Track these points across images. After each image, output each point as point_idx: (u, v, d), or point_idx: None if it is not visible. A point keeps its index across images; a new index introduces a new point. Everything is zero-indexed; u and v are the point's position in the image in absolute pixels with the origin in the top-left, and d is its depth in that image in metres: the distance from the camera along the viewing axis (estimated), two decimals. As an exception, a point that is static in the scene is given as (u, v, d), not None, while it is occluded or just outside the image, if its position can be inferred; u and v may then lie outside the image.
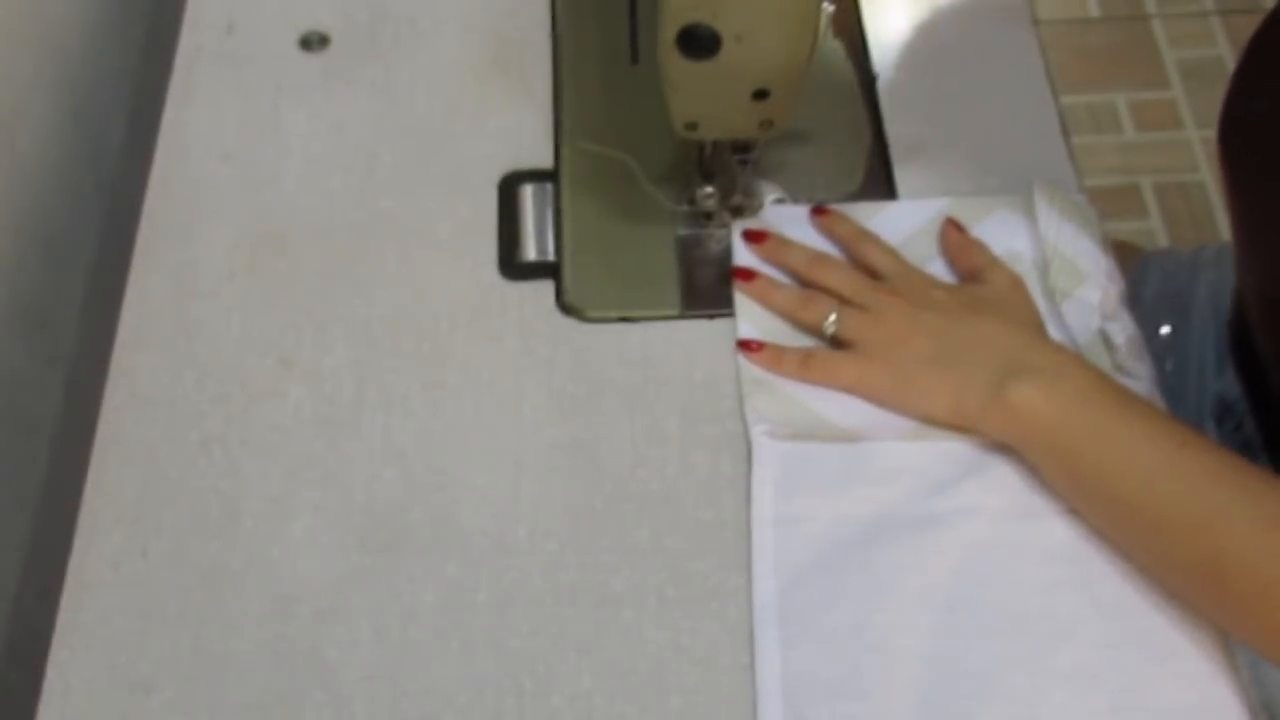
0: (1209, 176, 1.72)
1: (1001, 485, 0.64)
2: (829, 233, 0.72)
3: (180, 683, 0.61)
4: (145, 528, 0.65)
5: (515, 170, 0.78)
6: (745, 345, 0.69)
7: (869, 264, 0.70)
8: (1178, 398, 0.79)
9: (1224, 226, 1.68)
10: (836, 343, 0.68)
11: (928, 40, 0.83)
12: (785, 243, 0.72)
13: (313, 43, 0.83)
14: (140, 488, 0.67)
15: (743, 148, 0.70)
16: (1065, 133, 0.78)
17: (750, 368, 0.68)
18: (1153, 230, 1.67)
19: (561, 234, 0.75)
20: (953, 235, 0.71)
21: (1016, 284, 0.67)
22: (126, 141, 0.94)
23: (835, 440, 0.66)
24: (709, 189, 0.72)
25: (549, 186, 0.77)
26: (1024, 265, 0.70)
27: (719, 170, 0.72)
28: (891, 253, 0.70)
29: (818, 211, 0.73)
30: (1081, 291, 0.69)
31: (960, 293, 0.67)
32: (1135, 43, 1.84)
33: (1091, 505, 0.61)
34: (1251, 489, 0.56)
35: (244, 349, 0.71)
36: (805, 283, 0.70)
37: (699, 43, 0.61)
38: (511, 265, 0.74)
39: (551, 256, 0.74)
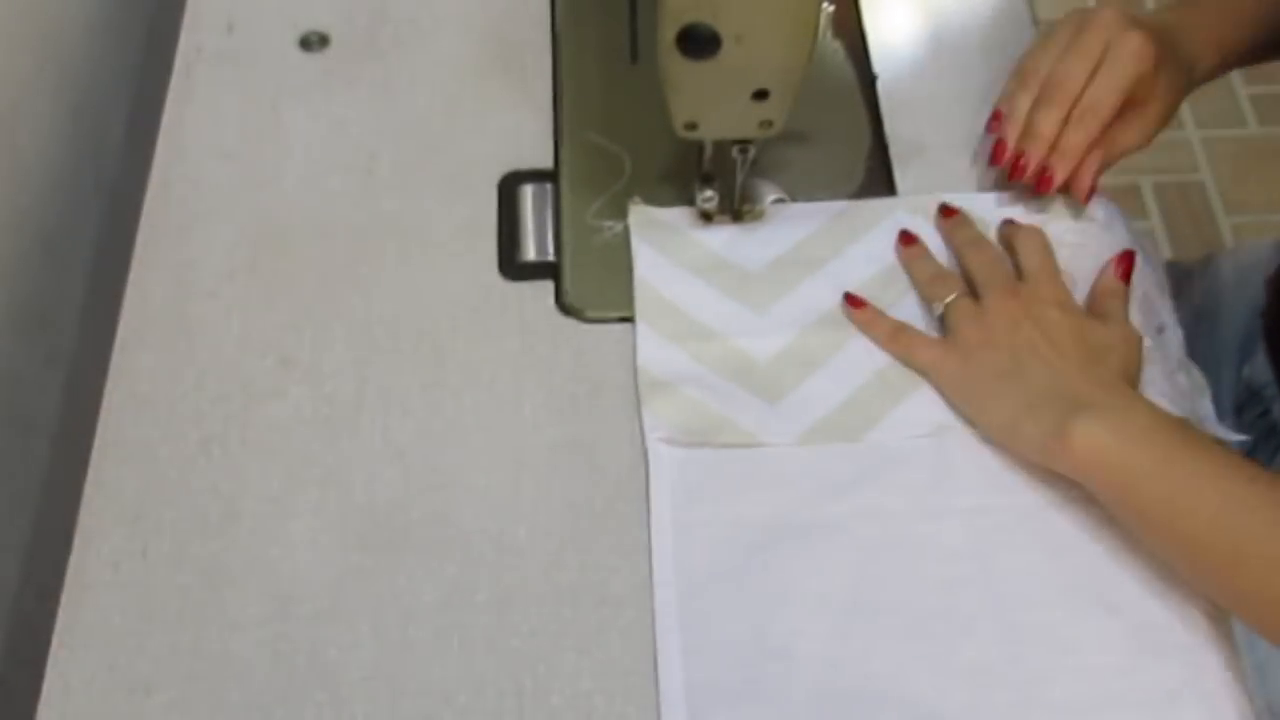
0: (1209, 176, 1.72)
1: (900, 486, 0.64)
2: (948, 235, 0.72)
3: (180, 683, 0.61)
4: (145, 528, 0.65)
5: (515, 170, 0.78)
6: (850, 300, 0.69)
7: (1018, 260, 0.69)
8: None
9: (1224, 226, 1.68)
10: (945, 325, 0.68)
11: (928, 40, 0.83)
12: (966, 219, 0.72)
13: (313, 43, 0.83)
14: (140, 488, 0.67)
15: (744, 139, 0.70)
16: (1065, 133, 0.78)
17: (649, 371, 0.68)
18: (1153, 230, 1.67)
19: (561, 234, 0.75)
20: (1116, 270, 0.69)
21: (1131, 339, 0.66)
22: (126, 141, 0.94)
23: (733, 443, 0.66)
24: (709, 191, 0.72)
25: (549, 186, 0.77)
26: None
27: (719, 171, 0.72)
28: (1045, 254, 0.69)
29: (945, 212, 0.73)
30: None
31: (1077, 323, 0.66)
32: (1135, 43, 1.84)
33: (1165, 543, 0.60)
34: None
35: (244, 349, 0.71)
36: (958, 260, 0.70)
37: (699, 43, 0.61)
38: (511, 265, 0.74)
39: (551, 256, 0.74)
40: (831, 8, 0.82)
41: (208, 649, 0.62)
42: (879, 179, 0.77)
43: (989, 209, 0.73)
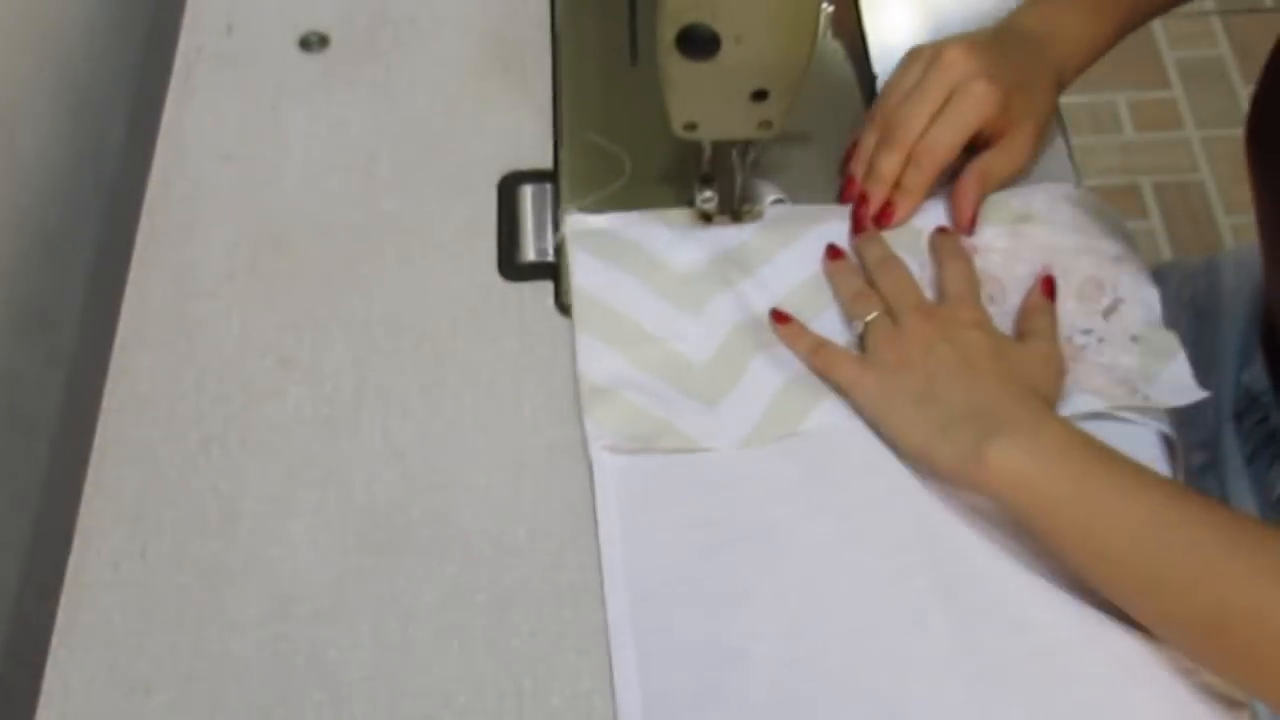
0: (1209, 176, 1.72)
1: (843, 483, 0.65)
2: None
3: (180, 683, 0.61)
4: (145, 528, 0.65)
5: (515, 170, 0.78)
6: (776, 316, 0.69)
7: (941, 279, 0.70)
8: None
9: (1224, 226, 1.68)
10: (864, 345, 0.68)
11: (928, 40, 0.83)
12: (876, 238, 0.72)
13: (313, 43, 0.83)
14: (140, 488, 0.67)
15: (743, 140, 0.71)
16: (1065, 133, 0.78)
17: (590, 378, 0.68)
18: (1153, 230, 1.67)
19: (561, 234, 0.75)
20: (1042, 288, 0.70)
21: (1052, 358, 0.66)
22: (126, 141, 0.94)
23: (676, 448, 0.66)
24: (709, 192, 0.72)
25: (549, 186, 0.77)
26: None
27: (719, 171, 0.72)
28: (966, 278, 0.69)
29: (855, 228, 0.73)
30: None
31: (994, 342, 0.65)
32: (1135, 43, 1.83)
33: (1082, 564, 0.59)
34: (1247, 537, 0.55)
35: (244, 349, 0.71)
36: (869, 280, 0.70)
37: (698, 43, 0.61)
38: (511, 266, 0.74)
39: (551, 257, 0.74)
40: (831, 8, 0.82)
41: (208, 649, 0.62)
42: (879, 179, 0.77)
43: (935, 218, 0.73)
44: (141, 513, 0.66)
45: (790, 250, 0.72)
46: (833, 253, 0.72)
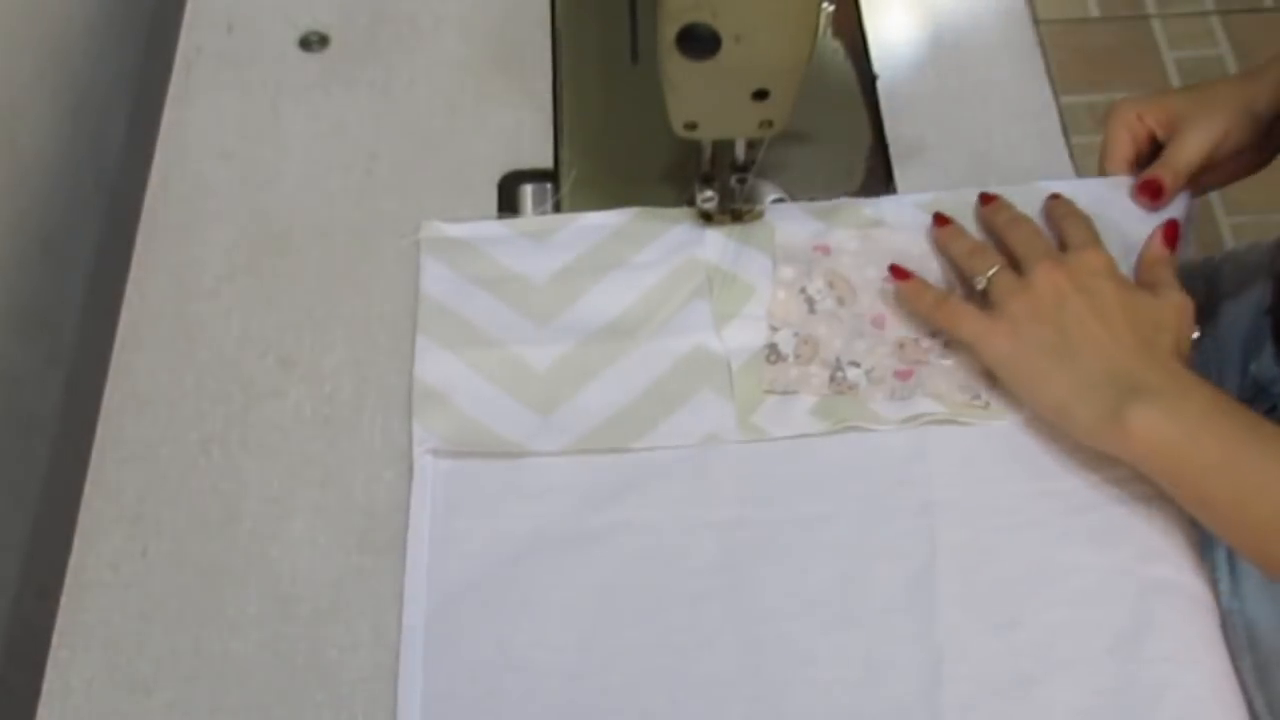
0: (1209, 176, 1.72)
1: (661, 498, 0.64)
2: (986, 221, 0.71)
3: (180, 683, 0.61)
4: (145, 528, 0.65)
5: (515, 170, 0.78)
6: (895, 271, 0.69)
7: (1062, 234, 0.68)
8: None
9: (1224, 226, 1.68)
10: (989, 300, 0.66)
11: (928, 40, 0.83)
12: (1004, 203, 0.71)
13: (312, 43, 0.83)
14: (140, 488, 0.67)
15: (742, 168, 0.71)
16: (1065, 133, 0.78)
17: (424, 381, 0.68)
18: (1152, 230, 1.67)
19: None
20: (1162, 238, 0.69)
21: (1184, 309, 0.65)
22: (126, 141, 0.94)
23: (500, 454, 0.66)
24: (709, 192, 0.72)
25: (549, 186, 0.77)
26: None
27: (719, 171, 0.72)
28: (1088, 229, 0.68)
29: (985, 199, 0.71)
30: (749, 308, 0.70)
31: (1126, 295, 0.64)
32: (1135, 43, 1.84)
33: (1230, 529, 0.59)
34: None
35: (244, 349, 0.71)
36: (1000, 239, 0.69)
37: (699, 43, 0.61)
38: (511, 265, 0.74)
39: (551, 256, 0.74)
40: (831, 8, 0.82)
41: (208, 649, 0.62)
42: (879, 179, 0.77)
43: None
44: (141, 513, 0.66)
45: (643, 253, 0.72)
46: (939, 219, 0.71)
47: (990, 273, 0.66)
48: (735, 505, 0.64)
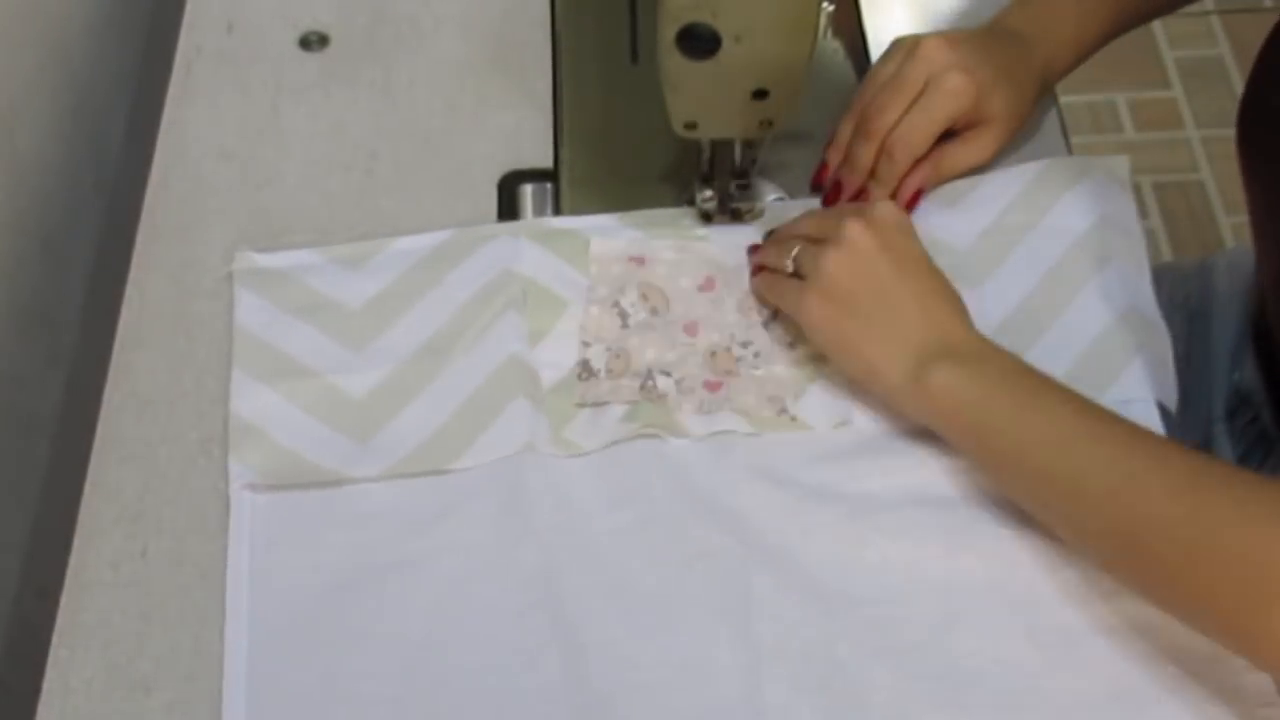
0: (1209, 176, 1.72)
1: (480, 516, 0.64)
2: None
3: (180, 682, 0.61)
4: (145, 528, 0.65)
5: (515, 170, 0.78)
6: (752, 249, 0.71)
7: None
8: (1192, 391, 0.79)
9: (1224, 226, 1.68)
10: (801, 274, 0.66)
11: (928, 40, 0.83)
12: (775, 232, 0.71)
13: (312, 43, 0.83)
14: (140, 488, 0.67)
15: (741, 171, 0.71)
16: (1065, 133, 0.78)
17: (240, 416, 0.67)
18: (1153, 230, 1.67)
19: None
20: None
21: None
22: (126, 141, 0.94)
23: (318, 483, 0.65)
24: (709, 191, 0.72)
25: (549, 186, 0.77)
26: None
27: (718, 171, 0.72)
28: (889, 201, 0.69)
29: (753, 249, 0.72)
30: (561, 324, 0.70)
31: (925, 255, 0.65)
32: (1135, 43, 1.83)
33: (1011, 479, 0.61)
34: (1166, 455, 0.56)
35: (244, 349, 0.71)
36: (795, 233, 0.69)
37: (699, 43, 0.61)
38: (511, 265, 0.74)
39: (551, 256, 0.74)
40: (831, 8, 0.82)
41: (208, 649, 0.62)
42: (879, 179, 0.77)
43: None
44: (141, 513, 0.66)
45: (458, 271, 0.72)
46: (757, 249, 0.71)
47: (794, 252, 0.67)
48: (552, 514, 0.64)
